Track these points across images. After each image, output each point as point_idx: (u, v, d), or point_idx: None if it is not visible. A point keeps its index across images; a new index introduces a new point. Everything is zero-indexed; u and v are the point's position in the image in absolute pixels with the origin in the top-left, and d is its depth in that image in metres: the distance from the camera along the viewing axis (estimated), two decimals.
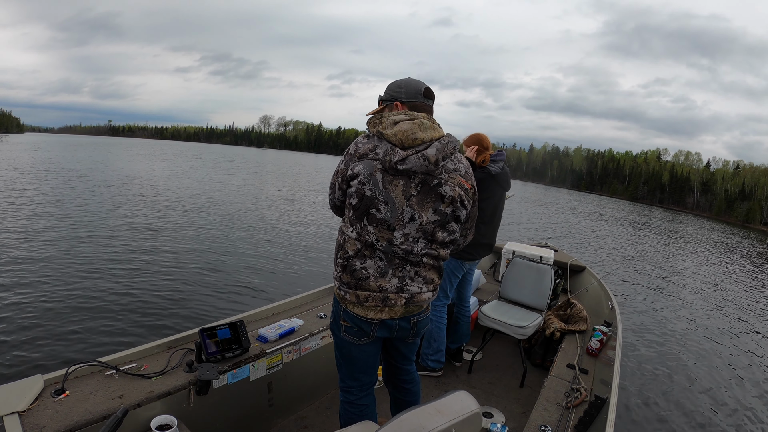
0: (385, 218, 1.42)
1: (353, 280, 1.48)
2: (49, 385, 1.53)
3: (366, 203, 1.42)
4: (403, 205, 1.42)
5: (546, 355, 3.07)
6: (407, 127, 1.39)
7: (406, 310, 1.52)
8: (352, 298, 1.49)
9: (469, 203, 1.52)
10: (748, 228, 50.01)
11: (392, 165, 1.38)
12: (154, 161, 31.18)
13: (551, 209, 26.73)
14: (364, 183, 1.41)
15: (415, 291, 1.50)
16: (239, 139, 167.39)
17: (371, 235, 1.43)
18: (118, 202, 12.67)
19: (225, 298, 5.26)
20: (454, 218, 1.49)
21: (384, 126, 1.42)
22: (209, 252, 7.63)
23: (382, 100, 1.56)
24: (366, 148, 1.44)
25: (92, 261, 6.37)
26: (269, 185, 22.29)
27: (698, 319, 6.58)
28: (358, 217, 1.45)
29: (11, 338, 3.74)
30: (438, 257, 1.52)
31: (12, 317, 4.16)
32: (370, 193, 1.41)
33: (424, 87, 1.52)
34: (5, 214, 9.57)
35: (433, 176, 1.43)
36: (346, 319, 1.54)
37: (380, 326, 1.52)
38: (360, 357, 1.62)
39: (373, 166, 1.41)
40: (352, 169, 1.44)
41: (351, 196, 1.46)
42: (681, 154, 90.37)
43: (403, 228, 1.43)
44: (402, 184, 1.41)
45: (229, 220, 11.44)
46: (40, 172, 18.89)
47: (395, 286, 1.47)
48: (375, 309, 1.49)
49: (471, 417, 1.09)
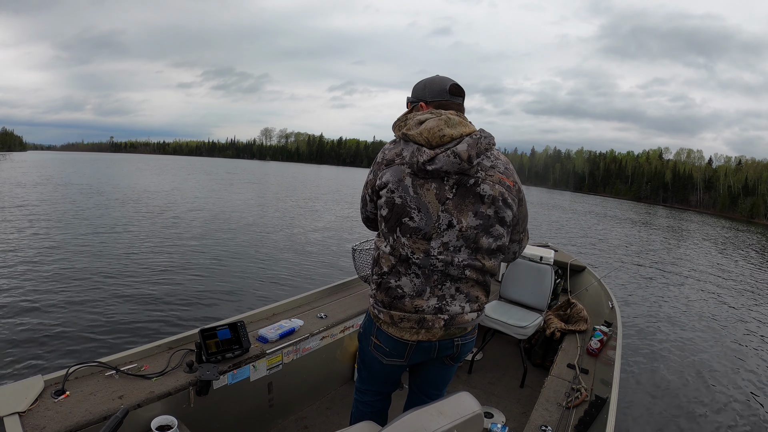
0: (419, 227, 1.30)
1: (387, 299, 1.37)
2: (49, 386, 1.53)
3: (397, 212, 1.31)
4: (438, 210, 1.28)
5: (546, 355, 3.07)
6: (433, 125, 1.27)
7: (446, 333, 1.37)
8: (386, 318, 1.38)
9: (514, 202, 1.35)
10: (752, 223, 49.89)
11: (421, 166, 1.26)
12: (156, 175, 31.27)
13: (552, 210, 26.68)
14: (393, 191, 1.30)
15: (456, 311, 1.35)
16: (241, 153, 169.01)
17: (405, 247, 1.31)
18: (118, 208, 12.71)
19: (225, 299, 5.28)
20: (499, 220, 1.33)
21: (409, 127, 1.31)
22: (210, 253, 7.65)
23: (409, 102, 1.46)
24: (393, 154, 1.34)
25: (92, 262, 6.39)
26: (269, 193, 22.36)
27: (699, 318, 6.56)
28: (391, 229, 1.34)
29: (11, 338, 3.76)
30: (483, 270, 1.36)
31: (12, 318, 4.19)
32: (400, 201, 1.30)
33: (451, 84, 1.39)
34: (9, 223, 9.61)
35: (468, 176, 1.29)
36: (380, 338, 1.44)
37: (416, 348, 1.39)
38: (382, 372, 1.54)
39: (401, 171, 1.30)
40: (380, 178, 1.34)
41: (381, 208, 1.35)
42: (683, 152, 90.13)
43: (441, 236, 1.30)
44: (435, 188, 1.28)
45: (230, 222, 11.47)
46: (44, 185, 19.04)
47: (433, 307, 1.33)
48: (410, 330, 1.36)
49: (473, 418, 1.09)
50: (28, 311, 4.38)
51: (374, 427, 1.51)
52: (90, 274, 5.79)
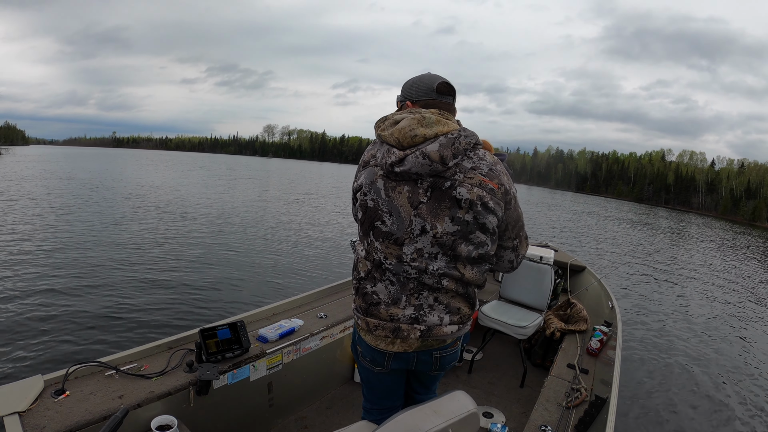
0: (391, 231, 1.24)
1: (364, 305, 1.33)
2: (49, 386, 1.54)
3: (370, 216, 1.27)
4: (411, 215, 1.22)
5: (546, 355, 3.07)
6: (405, 125, 1.20)
7: (423, 344, 1.31)
8: (363, 325, 1.35)
9: (498, 206, 1.22)
10: (754, 226, 49.77)
11: (389, 168, 1.21)
12: (160, 171, 31.34)
13: (553, 210, 26.65)
14: (365, 193, 1.28)
15: (433, 322, 1.27)
16: (243, 149, 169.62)
17: (379, 252, 1.27)
18: (118, 207, 12.73)
19: (225, 299, 5.28)
20: (479, 227, 1.22)
21: (383, 128, 1.25)
22: (210, 253, 7.66)
23: (398, 101, 1.39)
24: (369, 155, 1.30)
25: (93, 262, 6.40)
26: (270, 190, 22.37)
27: (700, 319, 6.55)
28: (365, 233, 1.31)
29: (11, 338, 3.77)
30: (462, 280, 1.27)
31: (12, 317, 4.19)
32: (372, 204, 1.26)
33: (439, 82, 1.29)
34: (8, 223, 9.62)
35: (444, 178, 1.20)
36: (361, 347, 1.42)
37: (394, 358, 1.34)
38: (378, 385, 1.49)
39: (373, 173, 1.26)
40: (357, 180, 1.32)
41: (358, 210, 1.32)
42: (685, 154, 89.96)
43: (414, 242, 1.23)
44: (408, 191, 1.22)
45: (230, 222, 11.47)
46: (49, 181, 19.07)
47: (409, 317, 1.27)
48: (385, 340, 1.31)
49: (468, 417, 1.08)
50: (28, 311, 4.38)
51: (371, 426, 1.51)
52: (90, 273, 5.79)
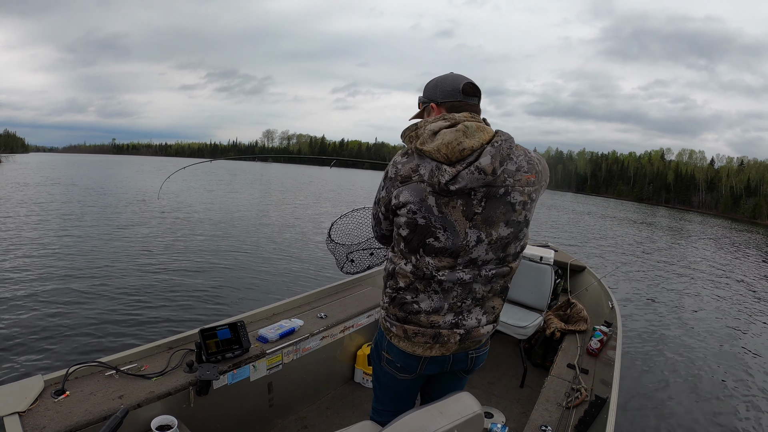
0: (445, 246, 1.20)
1: (402, 314, 1.30)
2: (49, 386, 1.54)
3: (421, 233, 1.20)
4: (466, 227, 1.18)
5: (546, 355, 3.07)
6: (450, 138, 1.13)
7: (460, 347, 1.33)
8: (398, 332, 1.31)
9: (539, 192, 1.28)
10: (755, 224, 49.81)
11: (444, 187, 1.14)
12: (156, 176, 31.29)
13: (553, 211, 26.67)
14: (415, 211, 1.18)
15: (472, 325, 1.30)
16: (243, 154, 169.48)
17: (430, 266, 1.22)
18: (119, 209, 12.74)
19: (225, 299, 5.29)
20: (526, 223, 1.27)
21: (422, 141, 1.16)
22: (210, 253, 7.66)
23: (421, 102, 1.33)
24: (408, 169, 1.19)
25: (93, 262, 6.41)
26: (271, 193, 22.39)
27: (700, 318, 6.55)
28: (413, 250, 1.23)
29: (11, 338, 3.77)
30: (509, 274, 1.31)
31: (12, 317, 4.20)
32: (424, 222, 1.19)
33: (465, 82, 1.24)
34: (8, 223, 9.63)
35: (495, 186, 1.17)
36: (390, 352, 1.38)
37: (429, 362, 1.34)
38: (398, 390, 1.47)
39: (421, 189, 1.16)
40: (397, 197, 1.20)
41: (400, 227, 1.23)
42: (685, 152, 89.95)
43: (470, 253, 1.21)
44: (461, 204, 1.16)
45: (230, 222, 11.48)
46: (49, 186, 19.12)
47: (449, 322, 1.28)
48: (423, 345, 1.30)
49: (473, 418, 1.09)
50: (29, 311, 4.39)
51: (375, 427, 1.51)
52: (90, 274, 5.80)
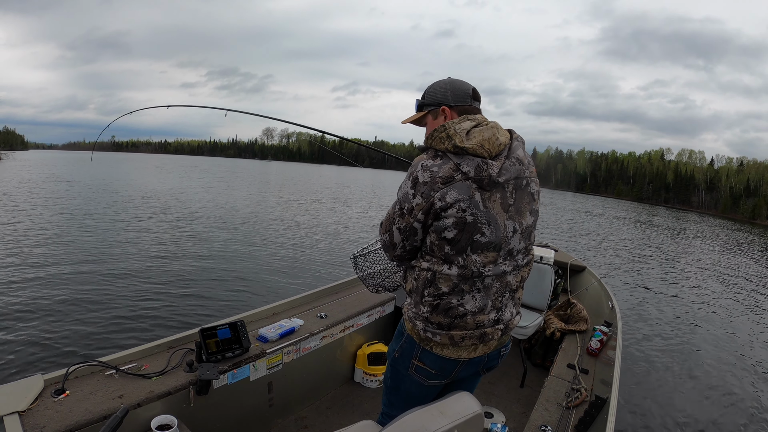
0: (490, 240, 1.25)
1: (447, 320, 1.29)
2: (49, 385, 1.54)
3: (469, 231, 1.22)
4: (504, 219, 1.26)
5: (546, 355, 3.07)
6: (489, 135, 1.23)
7: (499, 342, 1.37)
8: (443, 340, 1.31)
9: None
10: (754, 224, 49.83)
11: (493, 180, 1.21)
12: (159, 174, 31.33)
13: (553, 211, 26.68)
14: (464, 209, 1.20)
15: (508, 318, 1.36)
16: (242, 152, 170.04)
17: (477, 264, 1.26)
18: (119, 208, 12.74)
19: (225, 298, 5.29)
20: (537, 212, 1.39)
21: (461, 139, 1.21)
22: (210, 252, 7.66)
23: (422, 105, 1.37)
24: (447, 170, 1.21)
25: (93, 262, 6.41)
26: (271, 192, 22.39)
27: (700, 318, 6.55)
28: (460, 250, 1.24)
29: (11, 338, 3.77)
30: (531, 261, 1.40)
31: (12, 317, 4.20)
32: (472, 219, 1.21)
33: (472, 87, 1.35)
34: (8, 224, 9.63)
35: (521, 177, 1.28)
36: (425, 361, 1.35)
37: (467, 365, 1.37)
38: (419, 396, 1.45)
39: (467, 186, 1.20)
40: (442, 199, 1.20)
41: (446, 229, 1.23)
42: (684, 152, 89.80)
43: (509, 244, 1.28)
44: (500, 197, 1.25)
45: (230, 222, 11.48)
46: (49, 184, 19.11)
47: (492, 319, 1.32)
48: (469, 348, 1.33)
49: (473, 418, 1.09)
50: (29, 311, 4.39)
51: (375, 426, 1.51)
52: (90, 273, 5.80)
